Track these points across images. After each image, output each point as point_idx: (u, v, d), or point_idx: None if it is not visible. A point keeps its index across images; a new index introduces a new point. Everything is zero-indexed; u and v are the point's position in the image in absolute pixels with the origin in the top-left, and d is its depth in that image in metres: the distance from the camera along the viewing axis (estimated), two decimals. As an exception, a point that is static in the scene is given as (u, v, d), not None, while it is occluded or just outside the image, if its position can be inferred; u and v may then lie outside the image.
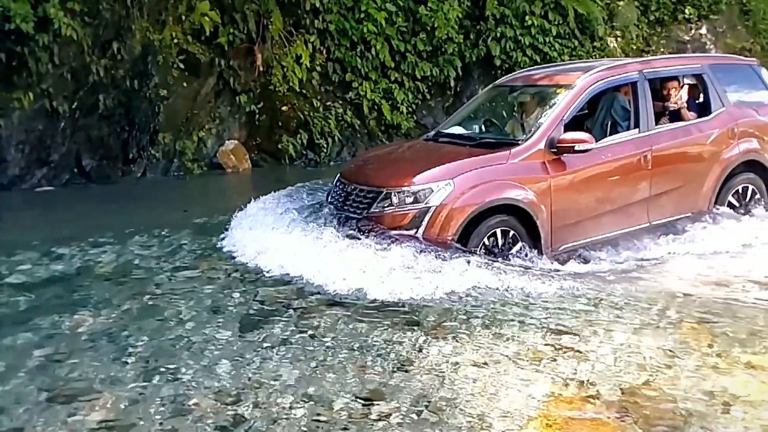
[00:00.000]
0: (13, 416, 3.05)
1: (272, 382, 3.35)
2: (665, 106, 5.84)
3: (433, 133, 6.08)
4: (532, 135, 5.09)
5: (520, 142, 5.10)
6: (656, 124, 5.59)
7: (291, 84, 10.52)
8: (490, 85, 6.70)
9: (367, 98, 11.18)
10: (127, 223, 6.43)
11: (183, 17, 9.48)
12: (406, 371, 3.43)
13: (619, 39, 13.28)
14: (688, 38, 13.84)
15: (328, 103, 11.09)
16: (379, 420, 2.97)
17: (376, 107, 11.30)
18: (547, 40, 12.05)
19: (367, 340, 3.81)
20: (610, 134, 5.45)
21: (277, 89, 10.44)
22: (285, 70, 10.45)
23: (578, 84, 5.32)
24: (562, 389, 3.23)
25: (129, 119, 9.09)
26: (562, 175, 5.04)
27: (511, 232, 4.89)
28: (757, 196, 5.96)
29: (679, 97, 5.86)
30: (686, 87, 5.97)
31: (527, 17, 11.80)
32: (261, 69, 10.30)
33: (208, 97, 10.09)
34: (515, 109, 5.94)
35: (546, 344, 3.72)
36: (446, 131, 5.94)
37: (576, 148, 4.94)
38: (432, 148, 5.65)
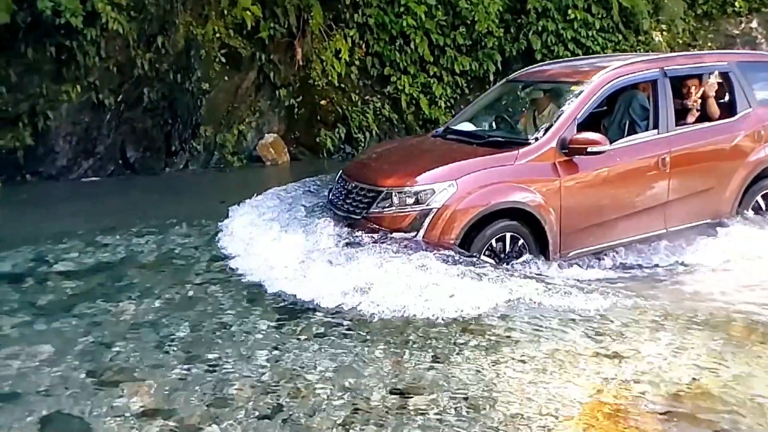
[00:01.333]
0: (61, 399, 3.14)
1: (310, 373, 3.37)
2: (683, 104, 5.47)
3: (442, 128, 5.81)
4: (542, 135, 4.82)
5: (529, 141, 4.83)
6: (679, 124, 5.26)
7: (330, 78, 10.56)
8: (504, 80, 6.42)
9: (405, 92, 11.14)
10: (169, 214, 6.56)
11: (225, 12, 9.59)
12: (443, 366, 3.41)
13: (664, 33, 12.93)
14: (737, 32, 13.38)
15: (367, 98, 11.10)
16: (417, 414, 2.96)
17: (414, 102, 11.25)
18: (590, 33, 11.81)
19: (403, 334, 3.80)
20: (629, 134, 5.15)
21: (316, 83, 10.50)
22: (324, 64, 10.49)
23: (594, 81, 5.02)
24: (603, 389, 3.17)
25: (172, 112, 9.26)
26: (574, 177, 4.76)
27: (518, 237, 4.64)
28: None
29: (710, 87, 5.44)
30: (716, 82, 5.50)
31: (570, 10, 11.58)
32: (301, 63, 10.37)
33: (248, 91, 10.20)
34: (528, 105, 5.70)
35: (587, 344, 3.65)
36: (455, 128, 5.67)
37: (588, 150, 4.66)
38: (438, 145, 5.39)
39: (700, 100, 5.48)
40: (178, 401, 3.11)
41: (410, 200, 4.53)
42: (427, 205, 4.48)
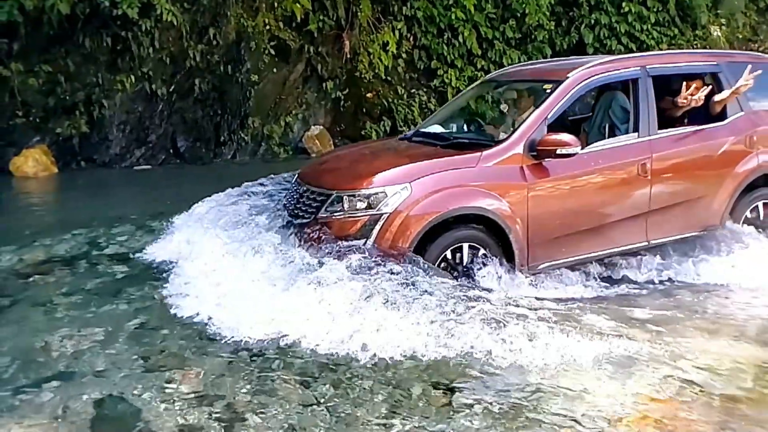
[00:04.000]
0: (114, 381, 3.23)
1: (351, 364, 3.37)
2: (674, 101, 4.98)
3: (411, 132, 5.47)
4: (509, 136, 4.46)
5: (495, 143, 4.48)
6: (664, 127, 4.85)
7: (377, 71, 10.57)
8: (481, 79, 6.16)
9: (451, 86, 11.08)
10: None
11: (275, 4, 9.71)
12: (488, 362, 3.36)
13: (723, 28, 12.49)
14: (802, 27, 12.83)
15: (413, 91, 11.08)
16: (460, 410, 2.93)
17: (460, 95, 11.17)
18: (645, 27, 11.50)
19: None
20: (609, 138, 4.80)
21: (362, 76, 10.53)
22: (371, 56, 10.51)
23: (568, 79, 4.61)
24: (655, 390, 3.08)
25: (221, 103, 9.44)
26: (543, 182, 4.36)
27: (479, 247, 4.26)
28: None
29: (746, 86, 4.94)
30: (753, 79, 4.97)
31: (624, 3, 11.30)
32: (348, 56, 10.41)
33: (296, 83, 10.31)
34: (505, 106, 5.43)
35: (639, 344, 3.55)
36: (423, 130, 5.34)
37: (558, 152, 4.26)
38: (398, 147, 5.05)
39: (689, 97, 4.96)
40: (224, 387, 3.16)
41: (361, 204, 4.16)
42: (377, 210, 4.12)
